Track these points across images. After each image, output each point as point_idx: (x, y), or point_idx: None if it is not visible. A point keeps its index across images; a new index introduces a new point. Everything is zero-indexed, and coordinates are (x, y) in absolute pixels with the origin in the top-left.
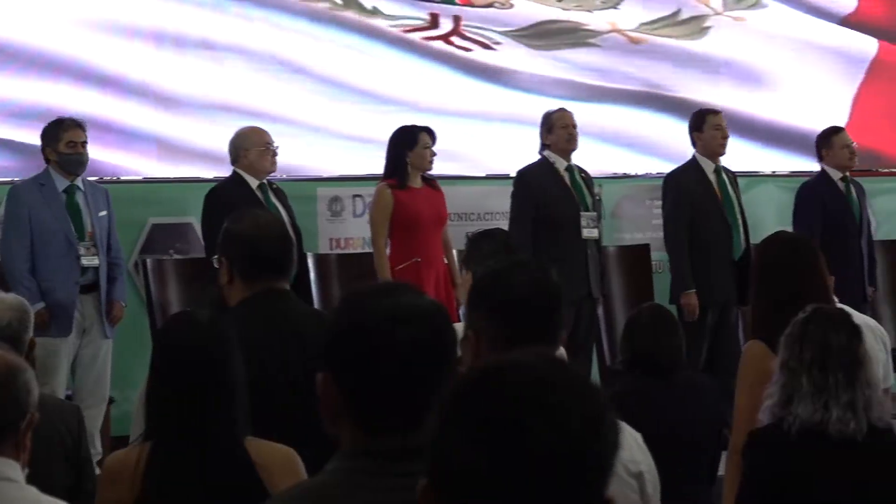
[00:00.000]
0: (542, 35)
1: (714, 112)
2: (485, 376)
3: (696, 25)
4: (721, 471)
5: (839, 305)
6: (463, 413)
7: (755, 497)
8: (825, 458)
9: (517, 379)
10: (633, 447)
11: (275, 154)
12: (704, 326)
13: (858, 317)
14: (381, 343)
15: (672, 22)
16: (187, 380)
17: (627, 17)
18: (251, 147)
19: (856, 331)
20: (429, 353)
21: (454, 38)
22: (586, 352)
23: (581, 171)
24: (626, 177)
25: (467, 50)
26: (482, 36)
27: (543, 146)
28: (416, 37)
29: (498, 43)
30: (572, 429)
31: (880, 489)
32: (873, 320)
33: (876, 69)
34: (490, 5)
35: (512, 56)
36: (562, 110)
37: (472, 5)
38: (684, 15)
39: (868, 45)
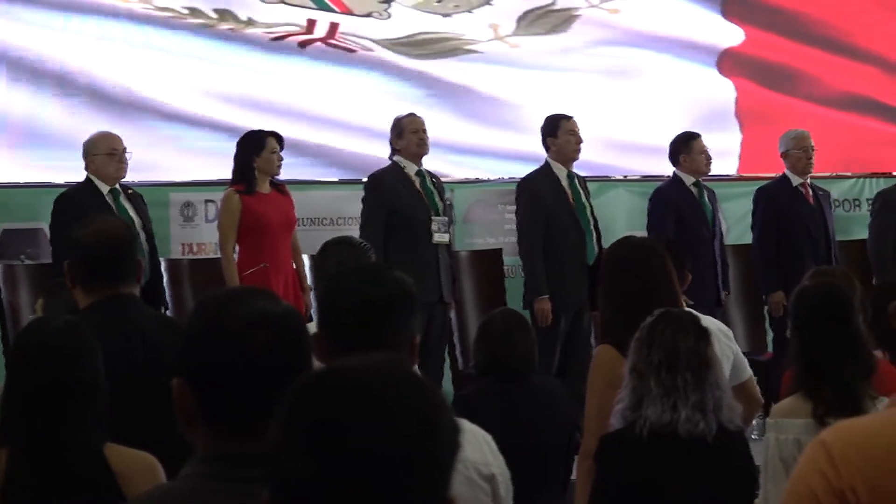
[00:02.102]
0: (419, 44)
1: (568, 117)
2: (311, 380)
3: (565, 16)
4: (573, 475)
5: (687, 308)
6: (291, 418)
7: (609, 500)
8: (676, 459)
9: (343, 381)
10: (484, 450)
11: (121, 160)
12: (557, 332)
13: (706, 319)
14: (236, 348)
15: (544, 13)
16: (36, 384)
17: (503, 14)
18: (97, 153)
19: (703, 333)
20: (283, 359)
21: (333, 41)
22: (438, 356)
23: (432, 175)
24: (477, 182)
25: (350, 51)
26: (356, 44)
27: (394, 151)
28: (289, 42)
29: (370, 50)
30: (401, 428)
31: (730, 489)
32: (721, 322)
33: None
34: (369, 15)
35: (385, 61)
36: (412, 115)
37: (352, 14)
38: (558, 6)
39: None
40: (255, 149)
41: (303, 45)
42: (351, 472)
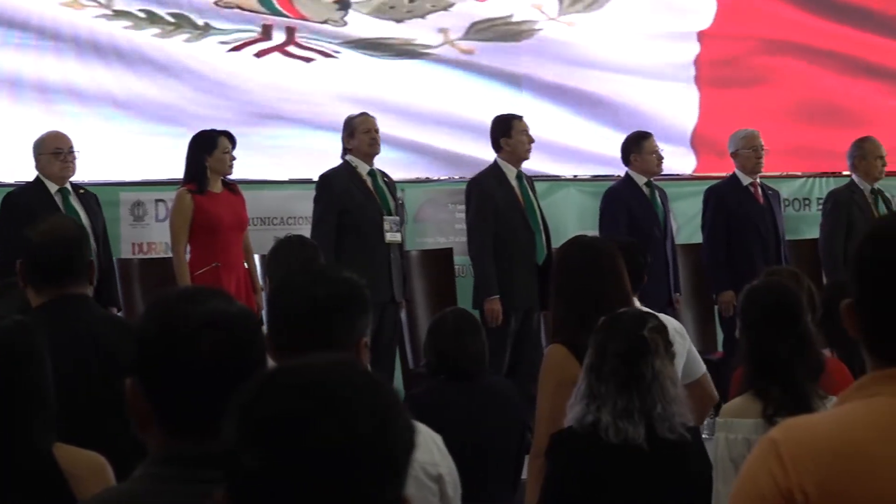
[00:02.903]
0: (377, 47)
1: (519, 118)
2: (268, 377)
3: (528, 29)
4: (524, 475)
5: (643, 309)
6: (247, 414)
7: (556, 498)
8: (614, 461)
9: (300, 378)
10: (432, 449)
11: (65, 160)
12: (507, 331)
13: (664, 319)
14: (189, 348)
15: (504, 23)
16: None
17: (458, 23)
18: (43, 152)
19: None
20: (237, 359)
21: (291, 48)
22: (389, 356)
23: (384, 175)
24: (428, 181)
25: (308, 60)
26: (320, 45)
27: (345, 151)
28: (250, 51)
29: (337, 52)
30: (359, 425)
31: (665, 495)
32: (675, 321)
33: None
34: (325, 22)
35: (350, 64)
36: (364, 115)
37: (307, 20)
38: (516, 19)
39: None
40: (207, 148)
41: (259, 55)
42: (308, 468)
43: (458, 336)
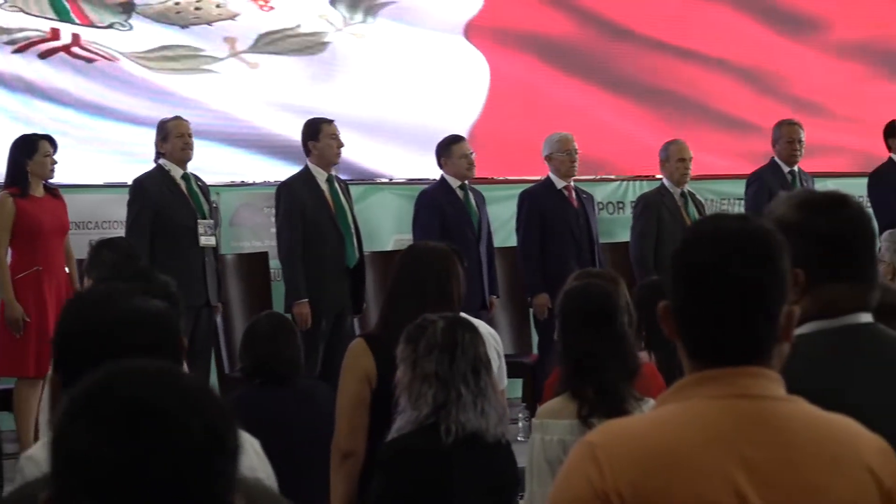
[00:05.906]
0: (162, 59)
1: (328, 121)
2: (115, 373)
3: (315, 40)
4: None
5: (459, 315)
6: (101, 410)
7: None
8: (448, 462)
9: (150, 376)
10: (250, 454)
11: None
12: (318, 334)
13: (477, 323)
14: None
15: (292, 34)
16: None
17: (244, 32)
18: None
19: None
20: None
21: (75, 49)
22: (204, 360)
23: (197, 179)
24: (243, 185)
25: (89, 61)
26: (104, 50)
27: (159, 154)
28: (35, 51)
29: (116, 59)
30: (214, 423)
31: (493, 494)
32: (489, 327)
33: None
34: (110, 26)
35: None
36: (177, 118)
37: (93, 25)
38: (304, 30)
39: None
40: (28, 152)
41: (44, 55)
42: (166, 463)
43: (273, 340)
